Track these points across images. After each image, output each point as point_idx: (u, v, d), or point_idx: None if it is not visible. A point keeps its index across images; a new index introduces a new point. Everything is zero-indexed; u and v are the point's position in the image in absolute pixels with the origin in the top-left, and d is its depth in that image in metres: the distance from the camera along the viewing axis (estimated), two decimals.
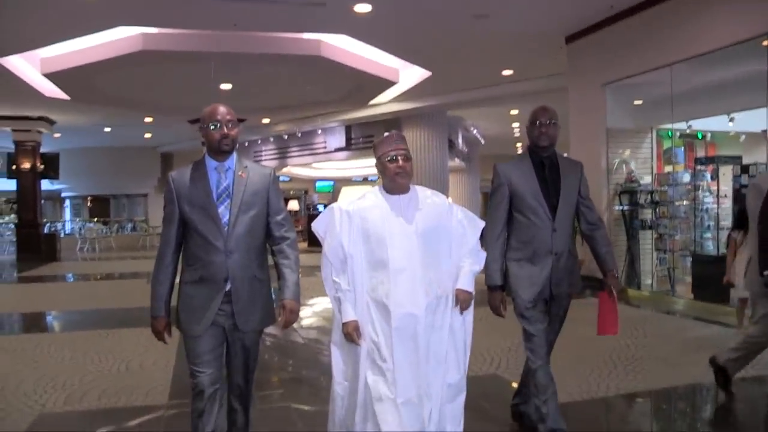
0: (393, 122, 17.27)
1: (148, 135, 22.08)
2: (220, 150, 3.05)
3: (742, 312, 6.51)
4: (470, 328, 3.27)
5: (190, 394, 3.10)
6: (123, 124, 18.94)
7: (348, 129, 19.63)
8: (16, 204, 30.94)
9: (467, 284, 3.23)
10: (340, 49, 11.14)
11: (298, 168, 24.70)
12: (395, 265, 3.05)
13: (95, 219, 27.56)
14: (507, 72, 12.78)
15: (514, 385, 4.85)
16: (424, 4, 8.53)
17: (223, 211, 3.05)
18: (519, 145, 24.30)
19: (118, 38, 10.24)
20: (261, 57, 10.94)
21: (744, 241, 6.14)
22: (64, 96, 13.82)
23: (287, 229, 3.22)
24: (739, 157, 8.47)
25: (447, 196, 3.15)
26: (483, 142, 23.77)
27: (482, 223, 3.37)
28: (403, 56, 11.87)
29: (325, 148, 20.61)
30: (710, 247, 8.40)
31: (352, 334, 3.03)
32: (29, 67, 11.76)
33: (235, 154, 3.16)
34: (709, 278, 7.65)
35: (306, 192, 31.78)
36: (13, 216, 27.98)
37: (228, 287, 3.03)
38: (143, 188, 27.19)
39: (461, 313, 3.23)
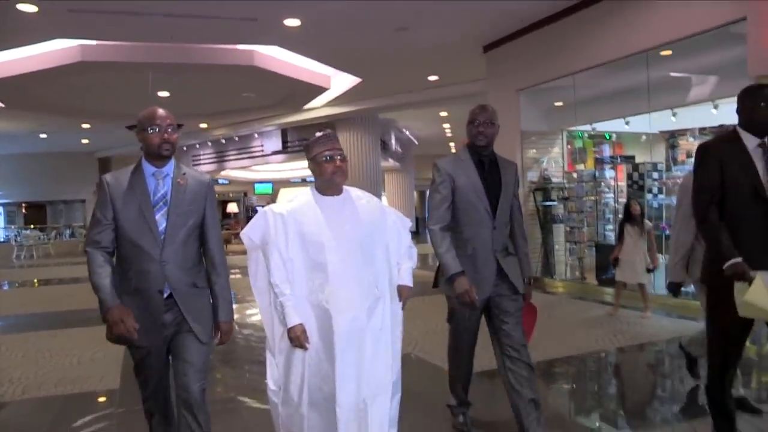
0: (327, 126, 17.79)
1: (85, 141, 22.13)
2: (159, 155, 2.95)
3: (618, 293, 7.55)
4: (401, 325, 3.31)
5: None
6: (59, 130, 19.02)
7: (284, 132, 20.12)
8: None
9: (407, 280, 3.30)
10: (272, 58, 11.70)
11: (237, 171, 25.03)
12: (334, 268, 2.99)
13: (31, 226, 27.31)
14: (433, 77, 13.49)
15: (432, 362, 5.56)
16: (348, 18, 9.13)
17: (160, 219, 2.94)
18: (452, 144, 25.12)
19: (57, 49, 10.57)
20: (197, 67, 11.43)
21: (642, 232, 7.11)
22: None
23: (217, 242, 3.15)
24: (633, 157, 9.43)
25: (382, 196, 3.21)
26: (416, 142, 24.58)
27: (410, 223, 3.43)
28: (333, 65, 12.51)
29: (262, 151, 21.07)
30: (611, 238, 9.32)
31: (300, 338, 2.96)
32: None
33: (173, 160, 3.06)
34: (609, 265, 8.55)
35: (245, 194, 32.01)
36: None
37: (165, 296, 2.94)
38: (80, 194, 27.06)
39: (402, 307, 3.28)
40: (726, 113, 7.20)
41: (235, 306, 9.11)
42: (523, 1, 8.73)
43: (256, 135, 20.80)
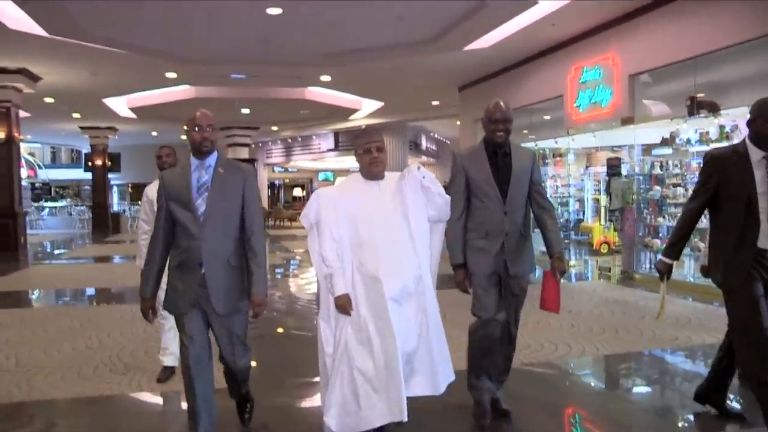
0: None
1: (183, 137, 28.21)
2: (200, 150, 3.31)
3: None
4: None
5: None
6: (167, 130, 25.15)
7: (336, 135, 25.83)
8: (63, 188, 37.52)
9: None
10: (317, 92, 17.26)
11: (303, 162, 30.95)
12: (383, 242, 3.30)
13: (138, 202, 33.68)
14: (435, 102, 18.84)
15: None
16: (361, 73, 14.41)
17: (200, 203, 3.28)
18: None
19: (179, 89, 16.46)
20: (266, 99, 17.20)
21: None
22: (134, 116, 20.07)
23: (256, 223, 3.41)
24: None
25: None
26: (448, 142, 29.84)
27: (439, 185, 3.59)
28: (360, 95, 18.05)
29: (319, 148, 26.89)
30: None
31: (345, 306, 3.26)
32: (119, 102, 18.05)
33: (216, 153, 3.40)
34: None
35: (311, 180, 38.03)
36: (69, 200, 34.60)
37: (203, 271, 3.25)
38: None
39: None
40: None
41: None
42: (479, 63, 13.96)
43: (314, 136, 26.63)
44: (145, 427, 4.05)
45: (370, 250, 3.30)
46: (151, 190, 4.84)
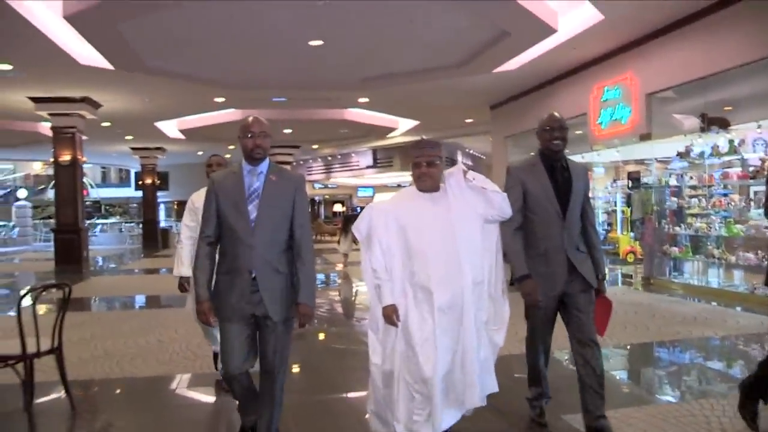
0: (404, 148, 24.34)
1: (228, 155, 29.55)
2: (252, 157, 3.37)
3: None
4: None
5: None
6: (212, 149, 26.29)
7: (374, 152, 26.81)
8: (112, 206, 39.19)
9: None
10: (357, 113, 18.20)
11: (343, 178, 31.99)
12: (433, 253, 3.30)
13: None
14: (469, 120, 19.63)
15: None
16: (397, 94, 15.27)
17: (251, 210, 3.33)
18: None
19: (226, 112, 17.57)
20: (308, 121, 18.22)
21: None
22: (182, 137, 21.29)
23: (305, 232, 3.44)
24: None
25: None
26: (484, 157, 30.55)
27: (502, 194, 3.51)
28: (396, 115, 18.94)
29: (358, 165, 27.87)
30: None
31: (391, 316, 3.29)
32: (169, 125, 19.26)
33: (268, 160, 3.44)
34: None
35: (351, 196, 39.07)
36: (118, 217, 36.19)
37: (253, 276, 3.29)
38: None
39: None
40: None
41: None
42: (508, 84, 14.77)
43: (353, 154, 27.65)
44: (211, 399, 4.97)
45: (421, 261, 3.31)
46: (198, 198, 4.82)
